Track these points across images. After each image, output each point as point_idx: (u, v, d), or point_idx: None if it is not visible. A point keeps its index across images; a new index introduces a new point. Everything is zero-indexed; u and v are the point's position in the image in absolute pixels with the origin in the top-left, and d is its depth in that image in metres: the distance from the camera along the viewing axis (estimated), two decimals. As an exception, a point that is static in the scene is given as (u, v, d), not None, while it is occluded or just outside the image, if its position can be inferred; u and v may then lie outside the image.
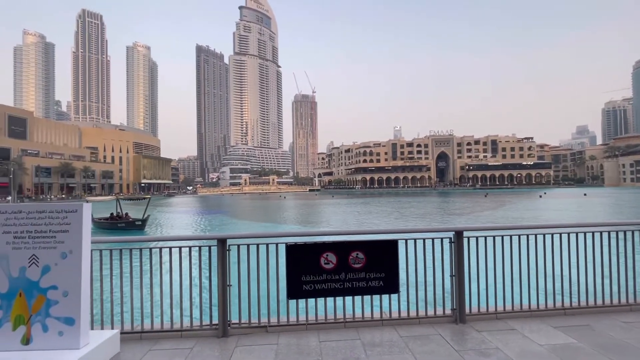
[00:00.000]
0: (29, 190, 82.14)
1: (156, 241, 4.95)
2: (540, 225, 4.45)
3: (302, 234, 4.06)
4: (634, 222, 4.55)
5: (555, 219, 28.22)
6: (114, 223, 25.58)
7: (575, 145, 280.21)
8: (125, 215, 26.63)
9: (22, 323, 2.88)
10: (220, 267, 3.61)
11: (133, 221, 25.74)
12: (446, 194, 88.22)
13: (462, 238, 3.89)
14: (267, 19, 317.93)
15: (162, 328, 3.65)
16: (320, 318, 3.81)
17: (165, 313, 3.69)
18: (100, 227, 26.01)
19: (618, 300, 4.16)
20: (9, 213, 2.97)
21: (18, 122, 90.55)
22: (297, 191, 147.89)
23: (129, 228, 25.35)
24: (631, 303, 4.14)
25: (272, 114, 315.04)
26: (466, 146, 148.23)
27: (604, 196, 62.07)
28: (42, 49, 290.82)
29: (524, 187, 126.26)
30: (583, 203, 45.38)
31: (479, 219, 29.79)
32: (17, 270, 2.91)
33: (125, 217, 26.50)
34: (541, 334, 3.51)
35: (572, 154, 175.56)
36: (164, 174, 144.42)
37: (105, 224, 25.87)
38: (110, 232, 25.13)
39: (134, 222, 25.59)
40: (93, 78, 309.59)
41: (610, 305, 4.11)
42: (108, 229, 25.38)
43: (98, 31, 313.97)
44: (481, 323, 3.80)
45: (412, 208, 43.01)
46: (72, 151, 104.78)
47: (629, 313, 4.03)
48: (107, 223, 25.85)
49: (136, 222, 25.57)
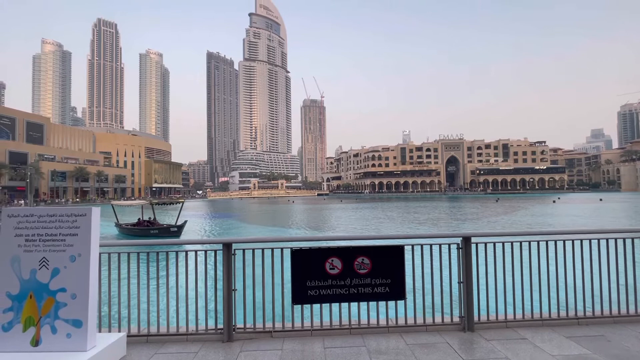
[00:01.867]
0: (44, 194, 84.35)
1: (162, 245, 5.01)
2: (552, 232, 4.32)
3: (308, 239, 4.06)
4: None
5: (569, 225, 27.49)
6: (146, 230, 23.15)
7: (590, 149, 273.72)
8: (154, 221, 24.55)
9: (32, 324, 2.94)
10: (226, 271, 3.62)
11: (167, 227, 23.29)
12: (456, 199, 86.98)
13: (470, 244, 3.81)
14: (276, 26, 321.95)
15: (168, 332, 3.67)
16: (325, 324, 3.77)
17: (171, 316, 3.71)
18: (129, 234, 23.81)
19: (635, 310, 4.00)
20: (21, 217, 3.05)
21: (36, 128, 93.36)
22: (305, 195, 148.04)
23: (164, 235, 22.68)
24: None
25: (281, 118, 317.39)
26: (477, 150, 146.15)
27: (621, 201, 60.18)
28: (59, 57, 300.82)
29: (537, 192, 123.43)
30: (599, 208, 44.09)
31: (488, 224, 29.24)
32: (28, 273, 2.98)
33: (155, 222, 24.34)
34: (553, 344, 3.39)
35: (587, 158, 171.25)
36: (175, 178, 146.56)
37: (136, 231, 23.49)
38: (141, 239, 23.47)
39: (169, 229, 22.98)
40: (107, 85, 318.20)
41: (626, 315, 3.95)
42: (139, 237, 22.63)
43: (113, 39, 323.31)
44: (490, 332, 3.70)
45: (420, 213, 42.52)
46: (86, 156, 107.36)
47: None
48: (137, 230, 23.55)
49: (171, 228, 23.03)
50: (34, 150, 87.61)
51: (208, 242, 4.14)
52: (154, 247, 3.99)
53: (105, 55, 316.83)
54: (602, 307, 3.96)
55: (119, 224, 25.40)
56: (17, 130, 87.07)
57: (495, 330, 3.74)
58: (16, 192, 77.25)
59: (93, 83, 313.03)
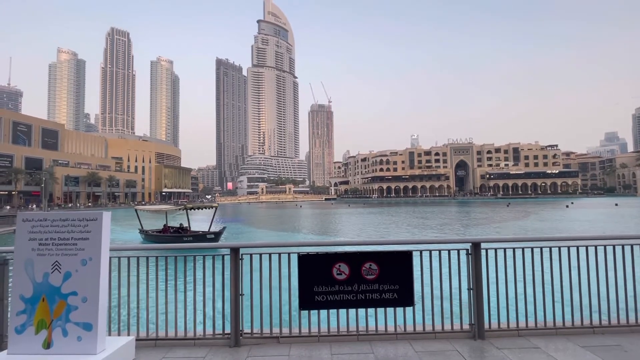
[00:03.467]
0: (58, 198, 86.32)
1: (171, 250, 5.06)
2: (566, 237, 4.20)
3: (315, 244, 4.05)
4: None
5: (583, 231, 26.80)
6: (178, 237, 21.73)
7: (605, 153, 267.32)
8: (186, 227, 22.85)
9: (44, 327, 2.99)
10: (233, 276, 3.63)
11: (203, 234, 21.54)
12: (465, 204, 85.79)
13: (480, 250, 3.75)
14: (284, 32, 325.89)
15: (176, 336, 3.69)
16: (333, 330, 3.74)
17: (179, 321, 3.73)
18: (157, 241, 22.11)
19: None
20: (35, 221, 3.12)
21: (50, 134, 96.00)
22: (313, 200, 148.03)
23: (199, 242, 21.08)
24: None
25: (288, 123, 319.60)
26: (486, 154, 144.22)
27: (638, 206, 58.47)
28: (74, 65, 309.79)
29: (549, 196, 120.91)
30: (614, 214, 42.91)
31: (498, 230, 28.72)
32: (41, 276, 3.04)
33: (189, 229, 22.70)
34: (567, 354, 3.29)
35: (601, 162, 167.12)
36: (184, 183, 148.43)
37: (167, 238, 22.07)
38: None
39: (205, 236, 21.32)
40: (119, 92, 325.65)
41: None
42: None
43: (125, 47, 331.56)
44: (501, 340, 3.62)
45: (429, 218, 42.03)
46: (98, 161, 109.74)
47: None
48: (167, 237, 22.18)
49: (207, 235, 21.33)
50: (49, 156, 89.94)
51: (216, 246, 4.17)
52: (163, 252, 4.03)
53: (117, 63, 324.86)
54: (618, 315, 3.83)
55: (144, 230, 23.71)
56: (33, 136, 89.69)
57: (507, 338, 3.65)
58: (31, 196, 79.26)
59: (106, 90, 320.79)
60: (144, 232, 23.73)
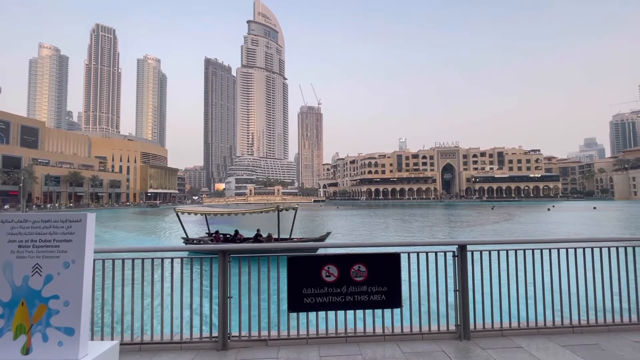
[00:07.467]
0: (37, 198, 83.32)
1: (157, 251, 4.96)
2: (548, 240, 4.35)
3: (304, 247, 4.04)
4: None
5: (564, 233, 27.68)
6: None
7: (584, 158, 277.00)
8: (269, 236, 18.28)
9: (23, 332, 2.88)
10: (221, 278, 3.59)
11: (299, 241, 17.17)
12: (452, 206, 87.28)
13: (466, 252, 3.83)
14: (274, 33, 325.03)
15: (161, 340, 3.62)
16: (321, 332, 3.75)
17: (165, 324, 3.66)
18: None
19: (629, 318, 4.03)
20: (15, 222, 3.01)
21: (30, 132, 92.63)
22: (302, 202, 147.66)
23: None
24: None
25: (278, 125, 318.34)
26: (472, 158, 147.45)
27: (615, 210, 60.82)
28: (56, 61, 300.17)
29: (532, 199, 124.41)
30: (593, 217, 44.50)
31: (483, 232, 29.34)
32: (20, 279, 2.93)
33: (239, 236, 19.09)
34: (548, 353, 3.40)
35: (580, 166, 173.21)
36: (170, 184, 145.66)
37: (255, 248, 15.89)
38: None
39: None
40: (104, 89, 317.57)
41: (620, 323, 3.98)
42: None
43: (110, 45, 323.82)
44: (486, 340, 3.70)
45: (416, 220, 42.58)
46: (81, 160, 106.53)
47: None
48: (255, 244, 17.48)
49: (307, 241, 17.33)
50: (28, 155, 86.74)
51: (204, 249, 4.11)
52: (149, 254, 3.94)
53: (102, 60, 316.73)
54: (596, 315, 3.98)
55: (190, 239, 18.85)
56: (11, 134, 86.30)
57: (491, 338, 3.74)
58: (8, 196, 76.26)
59: (90, 87, 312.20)
60: (190, 241, 18.59)
